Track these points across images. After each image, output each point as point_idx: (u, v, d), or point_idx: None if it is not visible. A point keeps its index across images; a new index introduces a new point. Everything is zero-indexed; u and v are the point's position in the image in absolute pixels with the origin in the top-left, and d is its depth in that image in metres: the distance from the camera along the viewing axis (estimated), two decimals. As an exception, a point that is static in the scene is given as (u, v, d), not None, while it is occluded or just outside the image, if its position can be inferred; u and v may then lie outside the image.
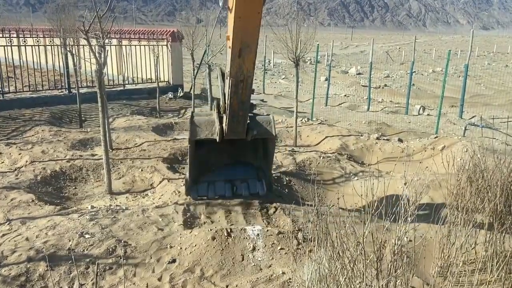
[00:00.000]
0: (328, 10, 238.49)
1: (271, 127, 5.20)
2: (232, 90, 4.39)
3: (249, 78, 4.36)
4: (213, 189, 5.50)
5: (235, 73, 4.27)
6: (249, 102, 4.65)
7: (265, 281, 3.93)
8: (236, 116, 4.67)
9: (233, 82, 4.32)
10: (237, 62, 4.19)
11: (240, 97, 4.47)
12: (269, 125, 5.21)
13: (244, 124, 4.85)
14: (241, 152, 5.75)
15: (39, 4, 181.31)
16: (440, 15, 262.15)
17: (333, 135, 9.22)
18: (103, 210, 5.16)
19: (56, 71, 13.23)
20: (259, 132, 5.13)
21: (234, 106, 4.55)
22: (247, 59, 4.20)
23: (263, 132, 5.18)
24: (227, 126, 4.76)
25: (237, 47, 4.09)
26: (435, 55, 40.61)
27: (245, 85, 4.38)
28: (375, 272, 2.77)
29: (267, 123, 5.22)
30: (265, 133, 5.20)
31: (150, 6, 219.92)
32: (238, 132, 4.88)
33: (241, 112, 4.65)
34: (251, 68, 4.30)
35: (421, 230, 4.28)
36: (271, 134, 5.19)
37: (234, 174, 5.66)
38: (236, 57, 4.14)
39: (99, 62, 5.67)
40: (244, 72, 4.29)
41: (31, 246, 4.22)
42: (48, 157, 7.27)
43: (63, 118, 10.89)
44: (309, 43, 8.89)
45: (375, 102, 15.75)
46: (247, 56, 4.16)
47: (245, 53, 4.13)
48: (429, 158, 7.28)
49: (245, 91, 4.44)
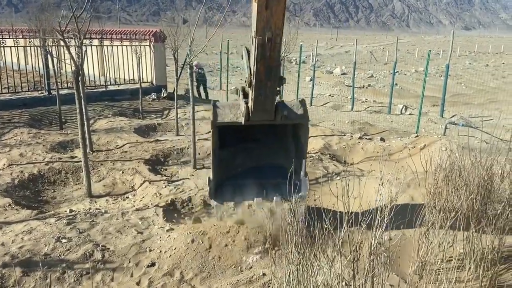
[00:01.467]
0: (313, 11, 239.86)
1: (303, 110, 4.53)
2: (259, 52, 3.81)
3: (278, 37, 3.80)
4: (240, 194, 4.76)
5: (262, 29, 3.72)
6: (278, 69, 4.05)
7: (246, 283, 3.90)
8: (263, 88, 4.04)
9: (260, 42, 3.76)
10: (264, 15, 3.67)
11: (268, 61, 3.88)
12: (301, 108, 4.54)
13: (272, 99, 4.21)
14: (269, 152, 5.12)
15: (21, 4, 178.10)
16: (423, 16, 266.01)
17: (317, 135, 9.24)
18: (82, 214, 5.08)
19: (36, 72, 12.99)
20: (290, 115, 4.45)
21: (261, 74, 3.95)
22: (275, 12, 3.67)
23: (294, 116, 4.49)
24: (253, 102, 4.13)
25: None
26: (418, 55, 41.15)
27: (273, 45, 3.81)
28: (352, 273, 2.77)
29: (298, 106, 4.55)
30: (297, 117, 4.51)
31: (135, 6, 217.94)
32: (266, 109, 4.23)
33: (269, 83, 4.03)
34: (280, 24, 3.76)
35: (400, 228, 4.31)
36: (304, 118, 4.51)
37: (263, 176, 4.94)
38: (263, 8, 3.63)
39: (77, 63, 5.57)
40: (272, 28, 3.74)
41: (6, 251, 4.12)
42: (26, 160, 7.12)
43: (43, 120, 10.69)
44: (292, 43, 8.93)
45: (359, 101, 15.87)
46: (276, 7, 3.65)
47: (273, 3, 3.63)
48: (409, 157, 7.36)
49: (274, 54, 3.86)
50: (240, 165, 5.01)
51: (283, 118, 4.35)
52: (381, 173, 3.56)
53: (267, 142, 5.06)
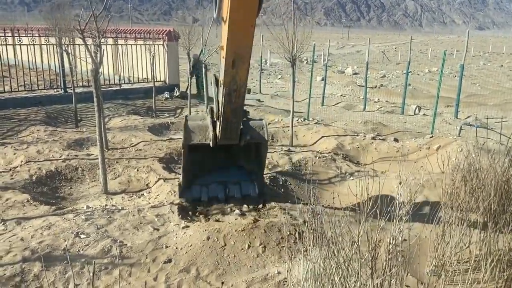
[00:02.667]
0: (324, 10, 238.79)
1: (264, 132, 5.27)
2: (226, 99, 4.44)
3: (242, 88, 4.42)
4: (206, 191, 5.55)
5: (229, 83, 4.33)
6: (242, 110, 4.72)
7: (261, 280, 3.94)
8: (229, 124, 4.73)
9: (227, 92, 4.39)
10: (230, 72, 4.24)
11: (233, 105, 4.53)
12: (262, 130, 5.29)
13: (237, 130, 4.92)
14: (234, 156, 5.81)
15: (34, 3, 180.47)
16: (436, 15, 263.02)
17: (329, 135, 9.24)
18: (99, 210, 5.15)
19: (52, 70, 13.17)
20: (252, 136, 5.19)
21: (228, 114, 4.61)
22: (240, 70, 4.25)
23: (256, 136, 5.24)
24: (220, 133, 4.83)
25: (231, 58, 4.15)
26: (431, 55, 40.76)
27: (238, 94, 4.44)
28: (370, 271, 2.78)
29: (260, 127, 5.29)
30: (258, 137, 5.27)
31: (146, 5, 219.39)
32: (231, 138, 4.96)
33: (234, 120, 4.73)
34: (244, 78, 4.35)
35: (416, 229, 4.31)
36: (263, 139, 5.26)
37: (227, 176, 5.71)
38: (229, 67, 4.20)
39: (95, 61, 5.65)
40: (238, 82, 4.35)
41: (26, 246, 4.21)
42: (44, 157, 7.25)
43: (59, 118, 10.84)
44: (306, 42, 8.91)
45: (371, 102, 15.79)
46: (241, 66, 4.22)
47: (238, 64, 4.18)
48: (424, 157, 7.31)
49: (238, 100, 4.50)
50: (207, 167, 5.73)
51: (246, 141, 5.07)
52: (399, 174, 3.56)
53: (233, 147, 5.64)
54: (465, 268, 3.76)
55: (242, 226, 4.57)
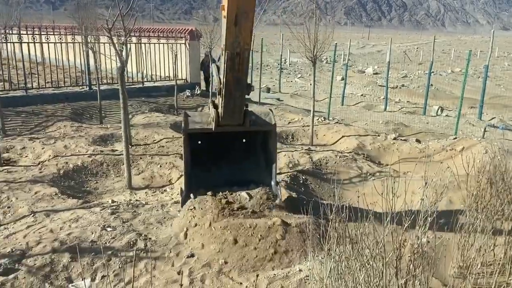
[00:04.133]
0: (345, 9, 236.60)
1: (270, 118, 4.81)
2: (228, 65, 4.00)
3: (246, 52, 3.98)
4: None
5: (231, 45, 3.89)
6: (246, 80, 4.26)
7: (282, 278, 3.98)
8: (232, 98, 4.26)
9: (229, 56, 3.94)
10: (233, 31, 3.81)
11: (236, 73, 4.07)
12: (268, 116, 4.83)
13: (241, 107, 4.46)
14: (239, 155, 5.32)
15: (59, 2, 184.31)
16: (460, 15, 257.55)
17: (350, 134, 9.20)
18: (124, 205, 5.29)
19: (77, 68, 13.49)
20: (258, 121, 4.75)
21: (230, 85, 4.15)
22: (244, 28, 3.83)
23: (261, 122, 4.77)
24: (223, 110, 4.37)
25: (233, 13, 3.74)
26: (454, 55, 39.98)
27: (241, 59, 4.00)
28: (394, 271, 2.79)
29: (266, 114, 4.86)
30: (264, 123, 4.79)
31: (168, 4, 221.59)
32: (234, 117, 4.50)
33: (238, 93, 4.24)
34: (248, 40, 3.92)
35: (440, 231, 4.27)
36: (269, 124, 4.77)
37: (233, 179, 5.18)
38: (232, 25, 3.77)
39: (122, 59, 5.79)
40: (241, 44, 3.91)
41: (55, 237, 4.35)
42: (70, 152, 7.45)
43: (84, 114, 11.11)
44: (327, 42, 8.90)
45: (392, 102, 15.62)
46: (244, 24, 3.80)
47: (241, 20, 3.76)
48: (448, 159, 7.22)
49: (242, 67, 4.05)
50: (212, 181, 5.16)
51: (251, 122, 4.65)
52: (424, 174, 3.55)
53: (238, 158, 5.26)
54: (490, 271, 3.72)
55: (266, 225, 4.61)
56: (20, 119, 9.88)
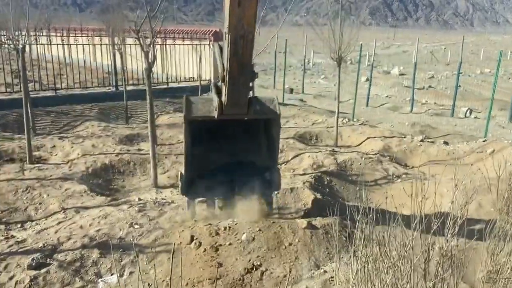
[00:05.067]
0: (369, 9, 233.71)
1: (274, 105, 4.67)
2: (232, 49, 3.79)
3: (250, 34, 3.79)
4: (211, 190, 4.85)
5: (234, 27, 3.71)
6: (250, 65, 4.07)
7: (307, 278, 3.97)
8: (236, 84, 4.05)
9: (232, 39, 3.75)
10: (236, 12, 3.64)
11: (240, 57, 3.86)
12: (273, 103, 4.69)
13: (245, 93, 4.26)
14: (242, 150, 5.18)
15: (85, 4, 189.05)
16: (489, 14, 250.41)
17: (375, 136, 9.09)
18: (150, 203, 5.39)
19: (104, 69, 13.81)
20: (262, 110, 4.58)
21: (234, 70, 3.94)
22: (248, 9, 3.65)
23: (266, 110, 4.62)
24: (226, 97, 4.17)
25: None
26: (483, 55, 38.90)
27: (245, 42, 3.79)
28: (422, 273, 2.75)
29: (270, 101, 4.69)
30: (269, 111, 4.64)
31: (191, 6, 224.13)
32: (239, 104, 4.28)
33: (242, 78, 4.04)
34: (252, 21, 3.74)
35: (469, 234, 4.18)
36: (274, 112, 4.62)
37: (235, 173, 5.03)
38: (235, 5, 3.60)
39: (149, 61, 5.90)
40: (245, 26, 3.71)
41: (85, 233, 4.48)
42: (98, 151, 7.64)
43: (111, 114, 11.36)
44: (353, 42, 8.82)
45: (419, 103, 15.33)
46: (248, 4, 3.63)
47: (245, 0, 3.60)
48: (478, 162, 7.04)
49: (246, 50, 3.85)
50: (212, 162, 5.05)
51: (255, 112, 4.43)
52: (454, 177, 3.48)
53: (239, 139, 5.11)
54: (521, 277, 3.61)
55: (293, 225, 4.61)
56: (49, 118, 10.19)
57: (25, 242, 4.39)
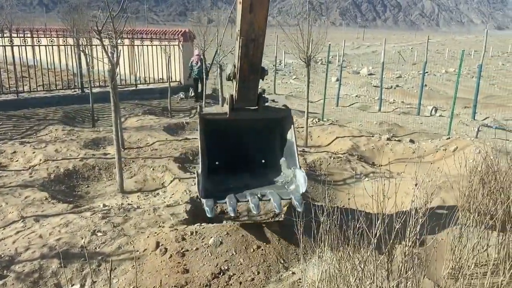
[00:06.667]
0: (340, 10, 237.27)
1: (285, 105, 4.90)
2: (243, 52, 4.08)
3: (261, 37, 4.05)
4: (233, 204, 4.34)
5: (246, 31, 3.96)
6: (260, 63, 4.32)
7: (275, 281, 3.94)
8: (246, 81, 4.34)
9: (244, 42, 4.01)
10: (248, 18, 3.88)
11: (251, 58, 4.16)
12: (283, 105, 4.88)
13: (255, 90, 4.52)
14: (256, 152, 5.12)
15: (52, 4, 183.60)
16: (454, 15, 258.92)
17: (344, 135, 9.18)
18: (115, 209, 5.23)
19: (69, 71, 13.39)
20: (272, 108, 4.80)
21: (245, 70, 4.24)
22: (259, 14, 3.89)
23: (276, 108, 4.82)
24: (237, 93, 4.46)
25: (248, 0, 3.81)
26: (448, 55, 40.15)
27: (256, 45, 4.07)
28: (386, 273, 2.76)
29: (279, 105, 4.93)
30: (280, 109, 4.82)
31: (162, 6, 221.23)
32: (249, 99, 4.56)
33: (252, 76, 4.33)
34: (262, 26, 4.00)
35: (432, 231, 4.25)
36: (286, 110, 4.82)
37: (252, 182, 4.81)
38: (247, 12, 3.84)
39: (112, 62, 5.73)
40: (256, 30, 3.98)
41: (44, 243, 4.29)
42: (62, 156, 7.37)
43: (76, 117, 11.02)
44: (321, 43, 8.88)
45: (387, 102, 15.64)
46: (259, 11, 3.87)
47: (256, 7, 3.83)
48: (441, 159, 7.22)
49: (257, 52, 4.14)
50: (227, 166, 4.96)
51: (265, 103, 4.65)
52: (415, 175, 3.53)
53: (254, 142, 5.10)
54: (483, 271, 3.70)
55: (261, 227, 4.57)
56: (11, 123, 9.78)
57: (-20, 254, 4.16)
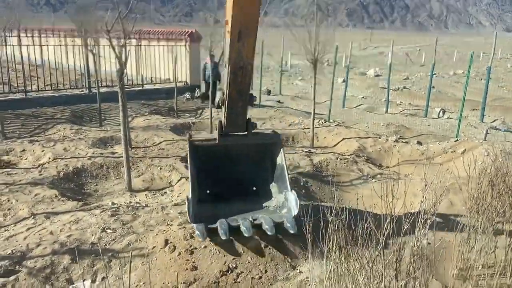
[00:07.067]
0: (347, 11, 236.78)
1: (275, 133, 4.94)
2: (231, 78, 4.13)
3: (249, 65, 4.11)
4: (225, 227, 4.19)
5: (234, 59, 4.02)
6: (248, 90, 4.38)
7: (283, 279, 3.96)
8: (235, 108, 4.39)
9: (232, 70, 4.07)
10: (236, 47, 3.94)
11: (239, 85, 4.21)
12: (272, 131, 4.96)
13: (243, 116, 4.56)
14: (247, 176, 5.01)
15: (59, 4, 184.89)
16: (462, 17, 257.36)
17: (351, 137, 9.19)
18: (124, 207, 5.28)
19: (77, 70, 13.51)
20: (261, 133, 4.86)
21: (233, 96, 4.29)
22: (247, 43, 3.95)
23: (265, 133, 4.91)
24: (226, 119, 4.50)
25: (236, 29, 3.85)
26: (457, 57, 39.96)
27: (244, 73, 4.13)
28: (394, 273, 2.78)
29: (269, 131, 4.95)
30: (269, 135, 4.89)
31: (168, 6, 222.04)
32: (237, 124, 4.61)
33: (241, 103, 4.38)
34: (251, 54, 4.06)
35: (440, 233, 4.25)
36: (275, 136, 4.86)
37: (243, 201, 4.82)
38: (235, 41, 3.90)
39: (121, 62, 5.79)
40: (244, 58, 4.04)
41: (55, 239, 4.35)
42: (70, 155, 7.45)
43: (83, 116, 11.12)
44: (328, 44, 8.89)
45: (394, 104, 15.60)
46: (247, 40, 3.93)
47: (244, 36, 3.89)
48: (449, 161, 7.20)
49: (245, 79, 4.20)
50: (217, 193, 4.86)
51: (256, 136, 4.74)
52: (424, 177, 3.54)
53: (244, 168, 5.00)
54: (491, 273, 3.70)
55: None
56: (19, 122, 9.90)
57: (-8, 250, 4.23)
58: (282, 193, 4.81)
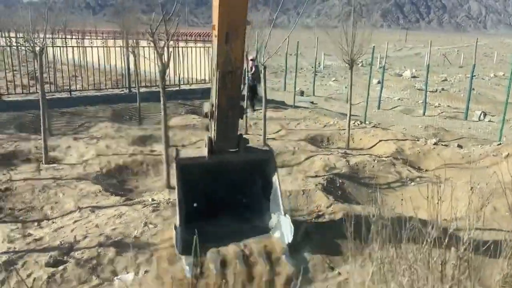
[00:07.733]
0: (381, 11, 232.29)
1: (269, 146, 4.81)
2: (220, 84, 3.96)
3: (238, 70, 3.97)
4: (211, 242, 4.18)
5: (223, 63, 3.89)
6: (239, 99, 4.21)
7: (322, 280, 3.98)
8: (225, 117, 4.16)
9: (221, 74, 3.92)
10: (224, 49, 3.82)
11: (229, 92, 4.02)
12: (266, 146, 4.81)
13: (234, 128, 4.34)
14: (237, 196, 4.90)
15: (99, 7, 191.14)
16: (502, 17, 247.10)
17: (388, 139, 9.04)
18: (164, 203, 5.43)
19: (118, 71, 13.97)
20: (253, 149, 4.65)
21: (223, 104, 4.07)
22: (235, 46, 3.83)
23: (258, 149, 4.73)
24: (216, 132, 4.26)
25: (223, 31, 3.74)
26: (497, 58, 38.46)
27: (233, 78, 3.98)
28: (439, 276, 2.74)
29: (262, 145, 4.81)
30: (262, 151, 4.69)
31: (202, 8, 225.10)
32: (229, 139, 4.36)
33: (231, 112, 4.15)
34: (239, 58, 3.94)
35: (485, 237, 4.14)
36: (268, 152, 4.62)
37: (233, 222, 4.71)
38: (222, 43, 3.79)
39: (164, 63, 5.96)
40: (233, 62, 3.91)
41: (101, 232, 4.54)
42: (112, 152, 7.73)
43: (124, 115, 11.48)
44: (365, 44, 8.79)
45: (431, 106, 15.22)
46: (235, 41, 3.80)
47: (232, 38, 3.77)
48: (493, 165, 6.97)
49: (234, 85, 4.03)
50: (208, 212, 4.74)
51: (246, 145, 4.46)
52: (470, 180, 3.47)
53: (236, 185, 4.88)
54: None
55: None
56: (64, 119, 10.34)
57: (42, 240, 4.46)
58: (275, 213, 4.61)
